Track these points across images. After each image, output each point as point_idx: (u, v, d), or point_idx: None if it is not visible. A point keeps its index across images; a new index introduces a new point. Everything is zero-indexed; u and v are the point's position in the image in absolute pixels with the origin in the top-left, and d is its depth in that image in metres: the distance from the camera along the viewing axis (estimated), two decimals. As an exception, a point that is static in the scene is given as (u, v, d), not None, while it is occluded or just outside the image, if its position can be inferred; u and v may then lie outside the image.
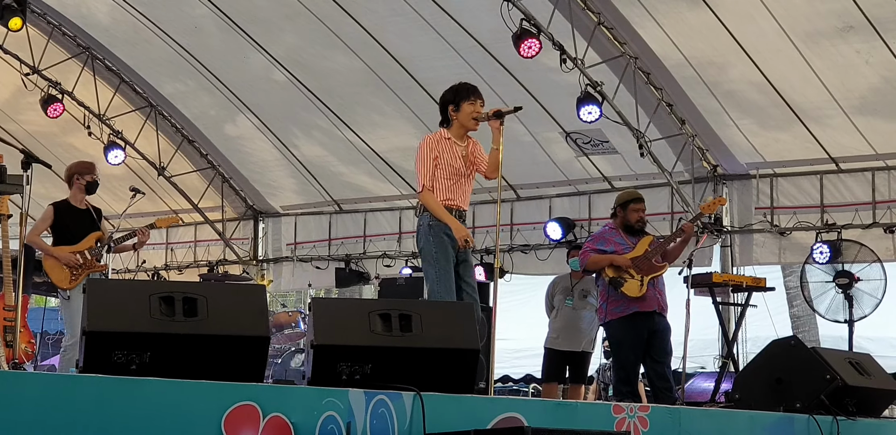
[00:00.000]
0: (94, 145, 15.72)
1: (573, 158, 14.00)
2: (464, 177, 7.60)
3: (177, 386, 4.93)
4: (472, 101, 7.61)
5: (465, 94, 7.63)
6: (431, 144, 7.57)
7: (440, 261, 7.41)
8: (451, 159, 7.55)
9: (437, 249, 7.43)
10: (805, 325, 17.01)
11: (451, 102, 7.64)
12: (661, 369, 9.19)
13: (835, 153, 12.58)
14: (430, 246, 7.45)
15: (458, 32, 12.84)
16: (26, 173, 6.92)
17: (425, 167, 7.52)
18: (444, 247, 7.41)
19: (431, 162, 7.51)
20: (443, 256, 7.41)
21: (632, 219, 9.44)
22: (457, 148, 7.60)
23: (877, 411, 8.11)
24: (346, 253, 15.98)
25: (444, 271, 7.42)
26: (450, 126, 7.66)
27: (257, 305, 5.68)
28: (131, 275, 16.77)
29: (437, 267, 7.43)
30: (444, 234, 7.44)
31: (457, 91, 7.67)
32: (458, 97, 7.63)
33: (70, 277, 9.51)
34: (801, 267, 12.43)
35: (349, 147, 15.11)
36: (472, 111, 7.57)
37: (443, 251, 7.41)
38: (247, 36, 14.01)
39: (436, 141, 7.59)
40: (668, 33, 12.05)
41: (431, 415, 5.44)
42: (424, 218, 7.55)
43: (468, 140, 7.72)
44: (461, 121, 7.60)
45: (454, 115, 7.61)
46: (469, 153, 7.64)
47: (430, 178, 7.51)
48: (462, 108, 7.59)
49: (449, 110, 7.64)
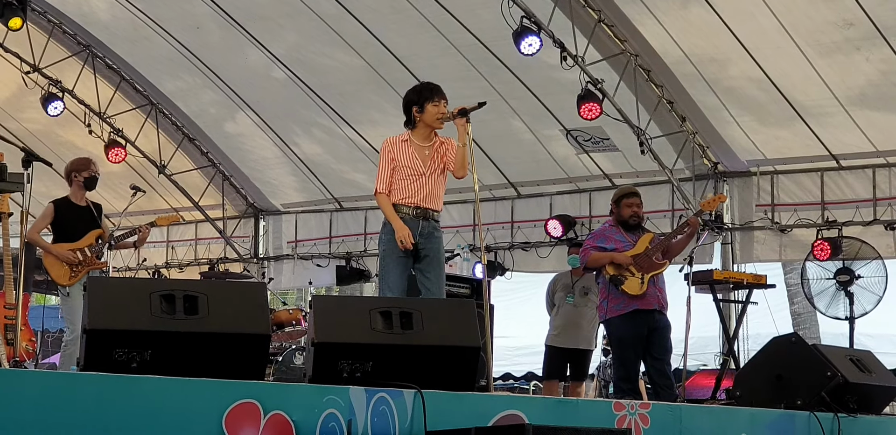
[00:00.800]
0: (94, 143, 15.71)
1: (574, 156, 14.00)
2: (424, 176, 7.63)
3: (177, 384, 4.93)
4: (435, 102, 7.63)
5: (429, 95, 7.65)
6: (388, 147, 7.67)
7: (385, 258, 7.56)
8: (408, 160, 7.61)
9: (385, 247, 7.58)
10: (806, 322, 17.00)
11: (414, 104, 7.67)
12: (662, 367, 9.18)
13: (835, 150, 12.58)
14: (382, 244, 7.62)
15: (459, 30, 12.84)
16: (27, 171, 6.93)
17: (381, 170, 7.64)
18: (392, 243, 7.51)
19: (388, 165, 7.62)
20: (389, 252, 7.53)
21: (625, 214, 9.42)
22: (415, 149, 7.63)
23: (878, 408, 8.12)
24: (347, 251, 15.97)
25: (388, 269, 7.54)
26: (414, 127, 7.70)
27: (258, 302, 5.68)
28: (132, 273, 16.75)
29: (383, 264, 7.59)
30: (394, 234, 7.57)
31: (420, 92, 7.70)
32: (421, 98, 7.65)
33: (69, 274, 9.51)
34: (802, 264, 12.42)
35: (350, 145, 15.11)
36: (437, 112, 7.61)
37: (389, 247, 7.53)
38: (247, 33, 14.01)
39: (391, 144, 7.68)
40: (669, 30, 12.04)
41: (432, 412, 5.44)
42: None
43: (435, 139, 7.72)
44: (426, 121, 7.64)
45: (418, 116, 7.65)
46: (434, 152, 7.66)
47: (384, 181, 7.61)
48: (426, 109, 7.62)
49: (413, 111, 7.67)
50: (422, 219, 7.60)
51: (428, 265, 7.59)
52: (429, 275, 7.58)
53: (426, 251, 7.58)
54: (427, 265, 7.59)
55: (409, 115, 7.70)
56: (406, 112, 7.73)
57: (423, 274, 7.59)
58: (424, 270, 7.59)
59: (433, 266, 7.61)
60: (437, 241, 7.66)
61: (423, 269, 7.59)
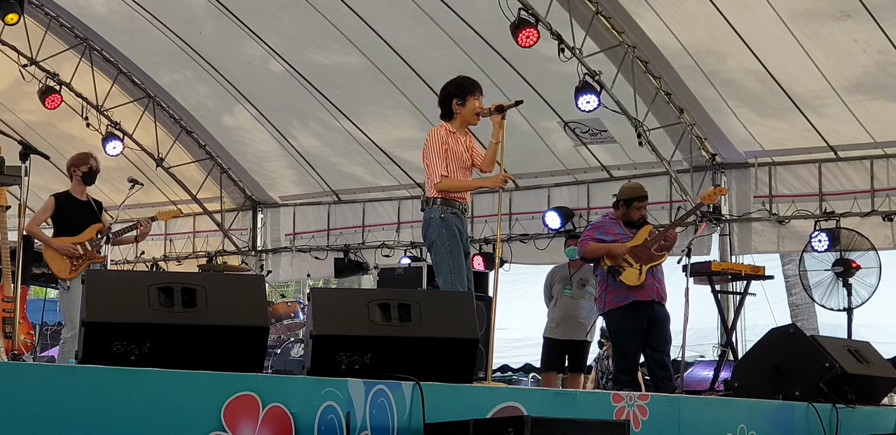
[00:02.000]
0: (92, 136, 15.71)
1: (572, 148, 14.00)
2: (468, 169, 7.60)
3: (176, 377, 4.93)
4: (477, 96, 7.59)
5: (472, 89, 7.59)
6: (439, 137, 7.51)
7: (453, 253, 7.40)
8: (459, 153, 7.52)
9: (449, 241, 7.42)
10: (804, 313, 17.00)
11: (456, 96, 7.58)
12: (661, 358, 9.19)
13: (833, 141, 12.58)
14: (443, 238, 7.43)
15: (456, 23, 12.83)
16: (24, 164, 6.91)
17: (438, 159, 7.46)
18: (455, 238, 7.41)
19: (444, 153, 7.46)
20: (454, 247, 7.40)
21: (633, 216, 9.43)
22: (461, 141, 7.58)
23: (876, 399, 8.13)
24: (345, 243, 15.98)
25: (457, 263, 7.41)
26: (452, 120, 7.62)
27: (256, 295, 5.68)
28: (130, 266, 16.77)
29: (451, 259, 7.41)
30: (454, 226, 7.45)
31: (462, 85, 7.62)
32: (464, 92, 7.58)
33: (70, 268, 9.51)
34: (800, 255, 12.43)
35: (347, 137, 15.11)
36: (477, 106, 7.55)
37: (454, 243, 7.41)
38: (244, 26, 13.99)
39: (444, 133, 7.53)
40: (666, 22, 12.04)
41: (431, 404, 5.45)
42: (434, 211, 7.49)
43: (468, 135, 7.71)
44: (465, 115, 7.57)
45: (459, 109, 7.56)
46: (468, 147, 7.63)
47: (444, 167, 7.44)
48: (468, 103, 7.55)
49: (454, 104, 7.58)
50: (465, 216, 7.59)
51: (467, 261, 7.52)
52: (468, 275, 7.49)
53: (467, 248, 7.54)
54: (467, 262, 7.52)
55: (449, 107, 7.60)
56: (445, 105, 7.63)
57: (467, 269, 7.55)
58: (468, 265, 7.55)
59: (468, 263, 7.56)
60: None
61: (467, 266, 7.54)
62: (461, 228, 7.47)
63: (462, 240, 7.47)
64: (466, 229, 7.61)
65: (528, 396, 6.03)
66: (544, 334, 11.61)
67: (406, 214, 15.48)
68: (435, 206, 7.49)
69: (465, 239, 7.50)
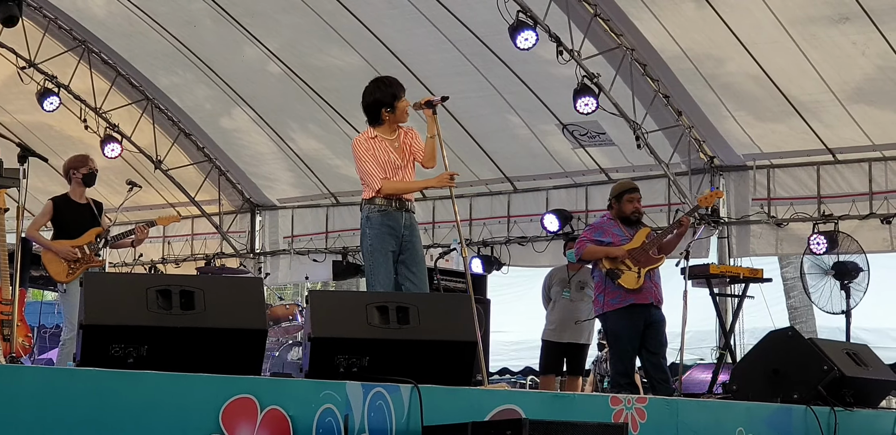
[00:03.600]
0: (90, 139, 15.71)
1: (570, 150, 13.99)
2: (401, 169, 7.54)
3: (174, 379, 4.93)
4: (402, 97, 7.54)
5: (397, 92, 7.53)
6: (363, 145, 7.50)
7: (373, 254, 7.40)
8: (384, 155, 7.49)
9: (371, 241, 7.43)
10: (802, 316, 17.03)
11: (385, 105, 7.51)
12: (657, 361, 9.18)
13: (831, 144, 12.58)
14: (366, 238, 7.47)
15: (455, 25, 12.83)
16: (23, 167, 6.91)
17: (368, 166, 7.46)
18: (381, 240, 7.40)
19: (372, 159, 7.45)
20: (378, 250, 7.39)
21: (626, 210, 9.40)
22: (387, 143, 7.53)
23: (874, 402, 8.13)
24: (343, 245, 15.97)
25: (376, 263, 7.39)
26: (379, 125, 7.58)
27: (254, 297, 5.67)
28: (128, 268, 16.76)
29: (371, 260, 7.42)
30: (385, 225, 7.44)
31: (387, 91, 7.55)
32: (392, 98, 7.51)
33: (68, 271, 9.50)
34: (801, 258, 12.43)
35: (346, 140, 15.07)
36: (405, 107, 7.52)
37: (379, 245, 7.40)
38: (242, 29, 13.99)
39: (365, 140, 7.53)
40: (665, 25, 12.04)
41: (429, 407, 5.45)
42: (364, 211, 7.55)
43: (399, 131, 7.62)
44: (396, 119, 7.55)
45: (388, 116, 7.52)
46: (402, 144, 7.57)
47: (378, 173, 7.43)
48: (397, 108, 7.51)
49: (382, 112, 7.54)
50: (404, 211, 7.53)
51: (412, 258, 7.45)
52: (413, 269, 7.44)
53: (410, 244, 7.48)
54: (411, 258, 7.45)
55: (377, 114, 7.56)
56: (371, 112, 7.59)
57: (408, 267, 7.45)
58: (409, 263, 7.45)
59: (417, 259, 7.48)
60: (418, 233, 7.57)
61: (408, 262, 7.46)
62: (393, 225, 7.43)
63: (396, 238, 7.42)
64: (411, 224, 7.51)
65: (527, 399, 6.03)
66: (543, 337, 11.60)
67: (404, 217, 15.47)
68: (364, 206, 7.57)
69: (401, 235, 7.44)
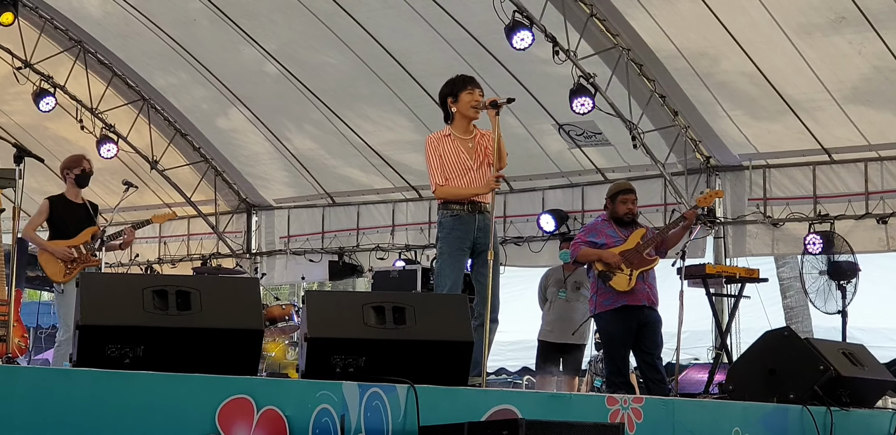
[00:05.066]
0: (86, 139, 15.69)
1: (566, 150, 14.00)
2: (473, 170, 7.59)
3: (170, 380, 4.93)
4: (469, 91, 7.63)
5: (462, 85, 7.65)
6: (433, 144, 7.61)
7: (444, 255, 7.49)
8: (454, 155, 7.56)
9: (441, 244, 7.52)
10: (798, 316, 17.04)
11: (449, 95, 7.67)
12: (652, 361, 9.17)
13: (827, 144, 12.59)
14: (439, 241, 7.57)
15: (451, 25, 12.83)
16: (19, 167, 6.92)
17: (433, 166, 7.57)
18: (453, 240, 7.48)
19: (438, 159, 7.55)
20: (451, 250, 7.47)
21: (619, 211, 9.37)
22: (459, 143, 7.60)
23: (870, 402, 8.14)
24: (340, 246, 15.97)
25: (445, 264, 7.47)
26: (452, 121, 7.67)
27: (251, 298, 5.67)
28: (124, 269, 16.75)
29: (441, 260, 7.52)
30: (456, 229, 7.51)
31: (453, 83, 7.70)
32: (455, 89, 7.66)
33: (64, 271, 9.50)
34: (800, 259, 12.44)
35: (342, 140, 15.10)
36: (471, 100, 7.60)
37: (448, 247, 7.48)
38: (239, 29, 13.99)
39: (435, 140, 7.63)
40: (661, 25, 12.05)
41: (425, 407, 5.44)
42: (438, 214, 7.64)
43: (475, 131, 7.70)
44: (461, 111, 7.62)
45: (454, 106, 7.63)
46: (476, 144, 7.64)
47: (440, 175, 7.54)
48: (460, 99, 7.61)
49: (448, 103, 7.66)
50: (477, 213, 7.57)
51: (483, 259, 7.41)
52: (483, 270, 7.38)
53: (483, 247, 7.46)
54: (482, 259, 7.43)
55: (446, 108, 7.69)
56: (443, 106, 7.73)
57: (479, 268, 7.52)
58: (480, 263, 7.51)
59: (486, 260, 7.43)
60: (492, 233, 7.45)
61: (479, 262, 7.52)
62: (465, 228, 7.50)
63: (471, 239, 7.49)
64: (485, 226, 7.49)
65: (523, 399, 6.03)
66: (539, 337, 11.61)
67: (400, 217, 15.48)
68: (440, 210, 7.64)
69: (474, 238, 7.51)
